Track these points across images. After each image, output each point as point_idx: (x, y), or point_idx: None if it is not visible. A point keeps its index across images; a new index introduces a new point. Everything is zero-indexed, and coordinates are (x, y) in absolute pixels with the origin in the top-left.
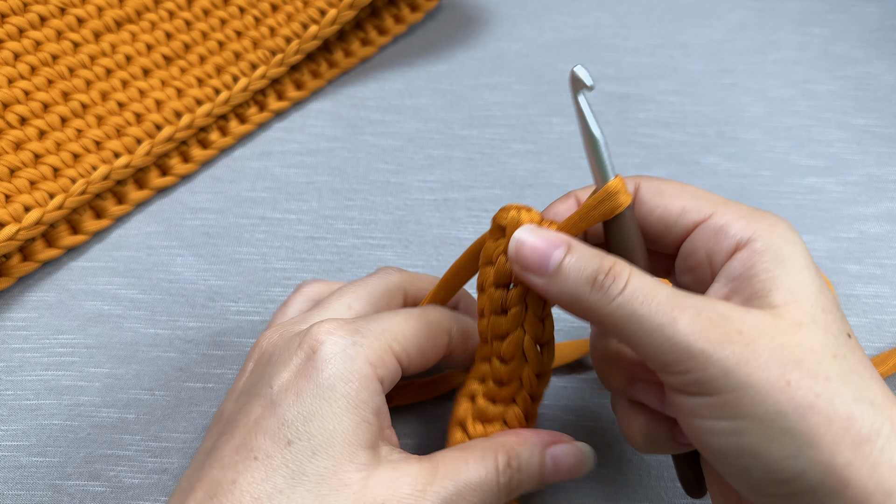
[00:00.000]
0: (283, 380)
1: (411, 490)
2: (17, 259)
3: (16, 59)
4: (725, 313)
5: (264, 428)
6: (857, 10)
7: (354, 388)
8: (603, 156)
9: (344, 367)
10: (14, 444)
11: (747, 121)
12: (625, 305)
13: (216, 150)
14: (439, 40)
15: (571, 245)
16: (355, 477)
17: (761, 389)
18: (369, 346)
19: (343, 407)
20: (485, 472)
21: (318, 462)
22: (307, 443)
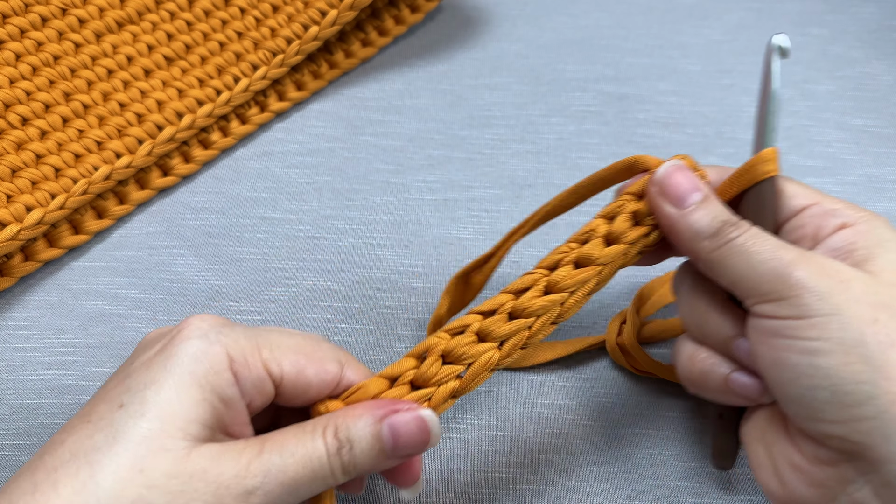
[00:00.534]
0: (144, 358)
1: (234, 465)
2: (18, 259)
3: (17, 59)
4: (825, 262)
5: (108, 396)
6: (856, 10)
7: (203, 368)
8: (774, 122)
9: (197, 349)
10: (15, 444)
11: (746, 121)
12: (740, 245)
13: (217, 150)
14: (439, 41)
15: (710, 197)
16: (179, 444)
17: (850, 319)
18: (234, 339)
19: (185, 382)
20: (311, 445)
21: (143, 424)
22: (138, 406)
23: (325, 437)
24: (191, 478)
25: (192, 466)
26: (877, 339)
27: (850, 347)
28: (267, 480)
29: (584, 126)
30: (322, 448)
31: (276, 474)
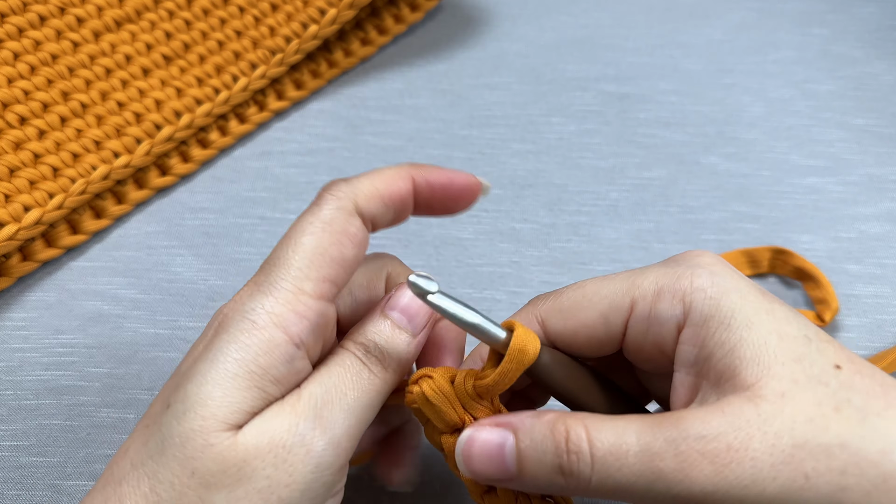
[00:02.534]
0: (196, 352)
1: (285, 423)
2: (16, 259)
3: (15, 58)
4: (703, 433)
5: (163, 394)
6: (857, 10)
7: (252, 353)
8: (488, 330)
9: (241, 334)
10: (14, 444)
11: (747, 121)
12: (604, 482)
13: (216, 149)
14: (439, 40)
15: (515, 429)
16: (223, 437)
17: (784, 498)
18: (273, 304)
19: (230, 372)
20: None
21: (185, 424)
22: (181, 405)
23: (350, 348)
24: (245, 462)
25: (243, 452)
26: (822, 496)
27: None
28: (319, 414)
29: (585, 126)
30: (351, 356)
31: (323, 405)
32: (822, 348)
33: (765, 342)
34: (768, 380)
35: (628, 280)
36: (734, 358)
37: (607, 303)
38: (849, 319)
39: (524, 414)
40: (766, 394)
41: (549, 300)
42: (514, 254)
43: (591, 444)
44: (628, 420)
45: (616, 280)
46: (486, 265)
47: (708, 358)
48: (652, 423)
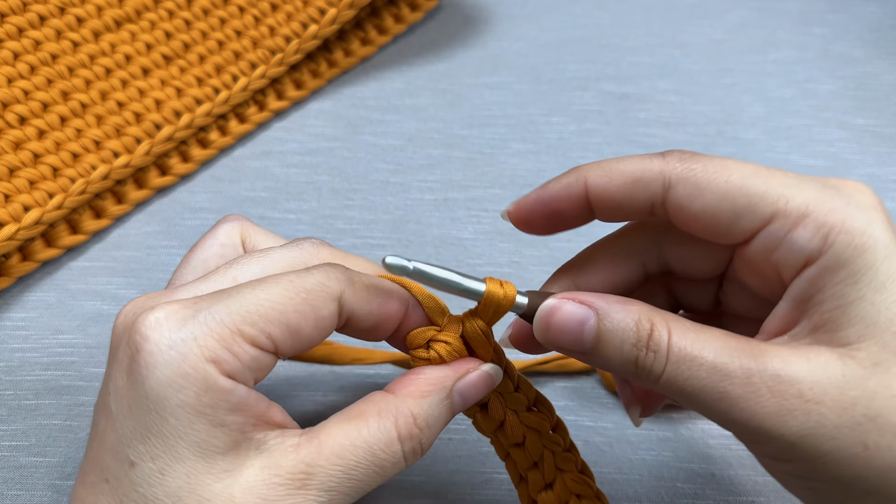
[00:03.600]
0: (117, 385)
1: (286, 491)
2: (16, 259)
3: (15, 58)
4: (780, 373)
5: (108, 444)
6: (858, 9)
7: (192, 394)
8: (464, 285)
9: (172, 373)
10: (13, 444)
11: (747, 120)
12: (671, 384)
13: (216, 149)
14: (439, 40)
15: (599, 311)
16: (217, 488)
17: (836, 457)
18: (206, 336)
19: (183, 418)
20: (385, 443)
21: (169, 482)
22: (152, 463)
23: (398, 430)
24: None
25: (244, 499)
26: (874, 471)
27: (849, 486)
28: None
29: (585, 125)
30: (397, 445)
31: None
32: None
33: (885, 309)
34: (869, 344)
35: (779, 185)
36: (847, 313)
37: (747, 202)
38: None
39: (612, 298)
40: (861, 357)
41: (689, 164)
42: (514, 254)
43: (670, 348)
44: (712, 334)
45: (764, 177)
46: (486, 265)
47: (822, 303)
48: (735, 345)
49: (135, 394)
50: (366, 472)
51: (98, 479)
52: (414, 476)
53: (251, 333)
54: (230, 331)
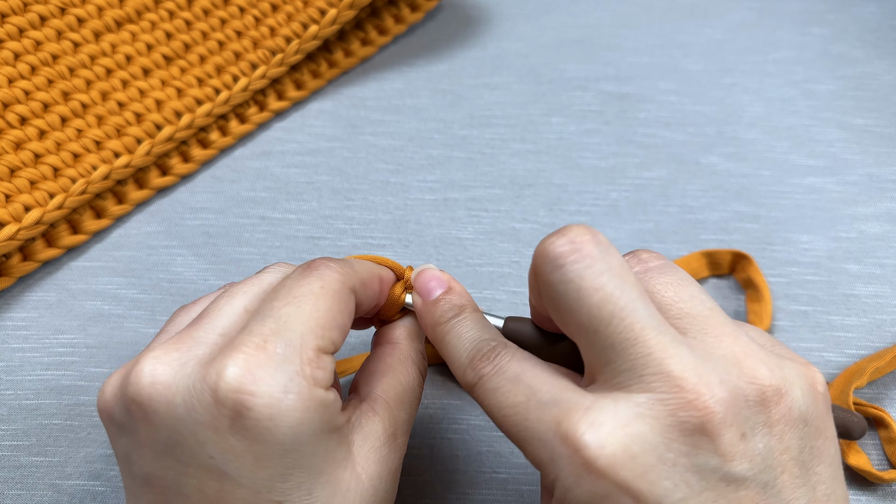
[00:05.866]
0: (222, 447)
1: (388, 447)
2: (17, 259)
3: (16, 58)
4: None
5: (238, 502)
6: (857, 9)
7: (317, 421)
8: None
9: (300, 415)
10: (14, 444)
11: (747, 120)
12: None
13: (216, 149)
14: (439, 40)
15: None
16: (346, 475)
17: None
18: (303, 366)
19: (315, 442)
20: (416, 382)
21: (318, 495)
22: (298, 491)
23: (417, 367)
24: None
25: (368, 480)
26: None
27: None
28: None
29: (585, 125)
30: (418, 375)
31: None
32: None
33: None
34: None
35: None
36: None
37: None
38: (848, 319)
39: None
40: None
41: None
42: (514, 254)
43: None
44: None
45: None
46: (486, 265)
47: None
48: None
49: (261, 447)
50: (415, 405)
51: None
52: (414, 476)
53: (323, 344)
54: (314, 352)
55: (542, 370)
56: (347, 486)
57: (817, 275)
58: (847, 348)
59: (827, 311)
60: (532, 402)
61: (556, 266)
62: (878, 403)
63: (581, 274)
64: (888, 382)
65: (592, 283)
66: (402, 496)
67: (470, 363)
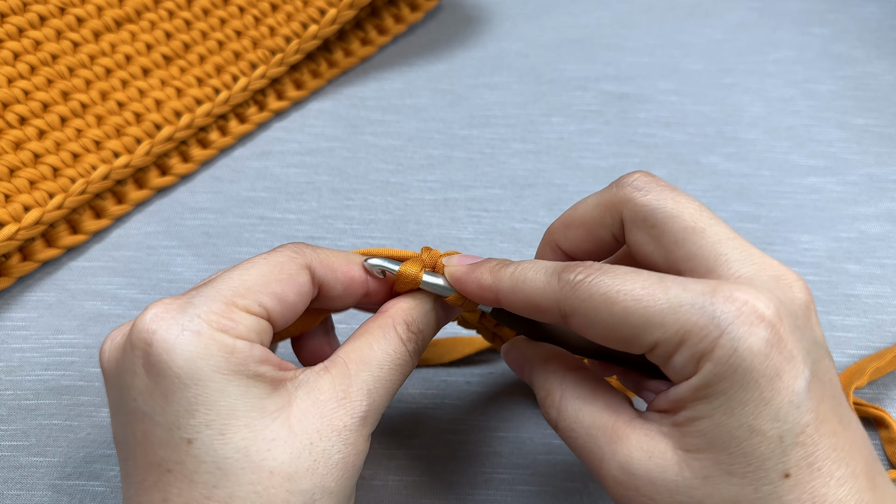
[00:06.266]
0: (140, 388)
1: (335, 403)
2: (16, 259)
3: (15, 58)
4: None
5: (155, 440)
6: (858, 9)
7: (220, 358)
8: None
9: (194, 348)
10: (14, 444)
11: (747, 120)
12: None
13: (216, 149)
14: (439, 40)
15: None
16: (276, 426)
17: None
18: (208, 313)
19: (222, 380)
20: (392, 348)
21: (231, 438)
22: (209, 430)
23: (398, 334)
24: (311, 444)
25: (305, 435)
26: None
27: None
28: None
29: (585, 125)
30: (402, 347)
31: (377, 389)
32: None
33: (727, 430)
34: (705, 457)
35: (660, 313)
36: (695, 426)
37: (630, 332)
38: (849, 319)
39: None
40: (696, 468)
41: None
42: (514, 254)
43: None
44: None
45: (646, 303)
46: None
47: (684, 410)
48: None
49: (164, 381)
50: (389, 370)
51: (157, 477)
52: (414, 476)
53: (244, 303)
54: (225, 304)
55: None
56: (275, 436)
57: (817, 275)
58: (847, 348)
59: (827, 311)
60: (668, 281)
61: (649, 189)
62: (878, 403)
63: (674, 194)
64: (888, 382)
65: (686, 199)
66: (403, 496)
67: (567, 268)
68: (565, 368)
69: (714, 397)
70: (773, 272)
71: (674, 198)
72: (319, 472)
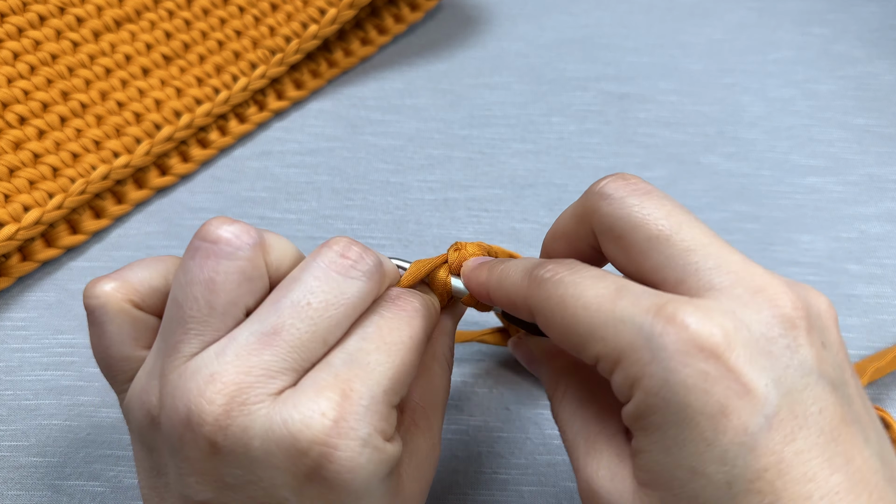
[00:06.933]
0: (300, 490)
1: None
2: (16, 259)
3: (15, 58)
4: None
5: None
6: (858, 9)
7: (385, 470)
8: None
9: (374, 468)
10: (13, 445)
11: (748, 120)
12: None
13: (216, 149)
14: (439, 40)
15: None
16: (395, 502)
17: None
18: (380, 422)
19: (380, 491)
20: (446, 379)
21: None
22: None
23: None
24: None
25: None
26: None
27: None
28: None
29: (585, 125)
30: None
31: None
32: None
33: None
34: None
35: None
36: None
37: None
38: (849, 319)
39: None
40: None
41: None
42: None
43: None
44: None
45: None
46: None
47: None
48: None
49: (336, 496)
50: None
51: None
52: None
53: (396, 400)
54: (387, 408)
55: (622, 276)
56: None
57: (818, 275)
58: (848, 348)
59: None
60: (623, 292)
61: (614, 197)
62: (878, 403)
63: (641, 199)
64: (888, 382)
65: (654, 203)
66: None
67: (540, 265)
68: (571, 366)
69: (649, 431)
70: (753, 283)
71: (640, 204)
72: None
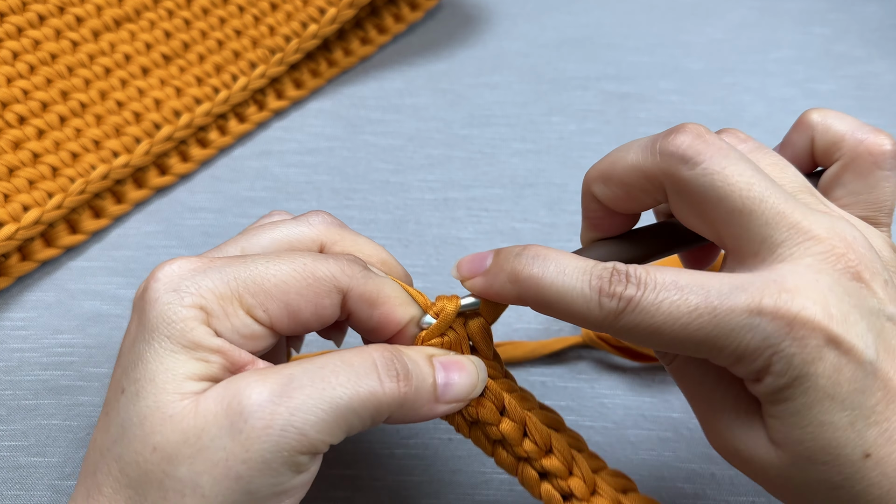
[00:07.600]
0: (130, 327)
1: (247, 389)
2: (15, 259)
3: (15, 58)
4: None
5: (114, 382)
6: (859, 9)
7: (178, 329)
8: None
9: (168, 309)
10: (13, 445)
11: (748, 120)
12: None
13: (215, 149)
14: (439, 39)
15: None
16: (180, 406)
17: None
18: (209, 288)
19: (165, 349)
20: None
21: (142, 402)
22: (133, 386)
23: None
24: (203, 431)
25: (202, 419)
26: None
27: None
28: (288, 392)
29: (586, 125)
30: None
31: (298, 386)
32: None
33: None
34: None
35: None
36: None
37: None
38: None
39: None
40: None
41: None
42: None
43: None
44: None
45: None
46: None
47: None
48: None
49: (139, 328)
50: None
51: (102, 415)
52: (414, 476)
53: (249, 302)
54: (230, 293)
55: (687, 272)
56: (174, 412)
57: None
58: None
59: None
60: (712, 299)
61: (695, 162)
62: None
63: (723, 164)
64: None
65: (736, 170)
66: (403, 496)
67: (600, 293)
68: None
69: (778, 404)
70: (819, 249)
71: (721, 172)
72: (196, 467)
